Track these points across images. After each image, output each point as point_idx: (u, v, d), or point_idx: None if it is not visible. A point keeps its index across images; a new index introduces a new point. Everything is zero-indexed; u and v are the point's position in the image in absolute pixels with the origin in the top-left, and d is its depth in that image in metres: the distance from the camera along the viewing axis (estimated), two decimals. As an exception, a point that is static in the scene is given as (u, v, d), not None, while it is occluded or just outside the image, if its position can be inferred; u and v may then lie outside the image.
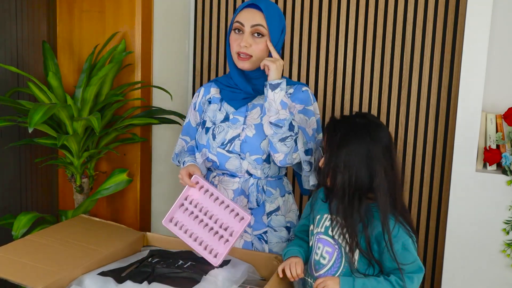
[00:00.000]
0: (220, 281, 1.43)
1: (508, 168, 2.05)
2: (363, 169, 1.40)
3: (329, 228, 1.47)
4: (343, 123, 1.48)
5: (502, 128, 2.09)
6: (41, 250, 1.53)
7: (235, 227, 1.51)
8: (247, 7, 1.65)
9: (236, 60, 1.66)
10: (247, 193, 1.67)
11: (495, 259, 2.10)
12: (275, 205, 1.69)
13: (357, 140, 1.41)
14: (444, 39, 2.26)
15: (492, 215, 2.09)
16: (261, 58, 1.64)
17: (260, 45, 1.63)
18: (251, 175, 1.67)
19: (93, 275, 1.43)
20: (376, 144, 1.41)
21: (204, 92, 1.79)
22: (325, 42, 2.43)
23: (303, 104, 1.70)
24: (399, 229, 1.40)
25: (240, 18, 1.64)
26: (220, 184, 1.70)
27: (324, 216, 1.51)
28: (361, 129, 1.43)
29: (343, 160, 1.40)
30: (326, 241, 1.48)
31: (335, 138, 1.44)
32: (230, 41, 1.67)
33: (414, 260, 1.39)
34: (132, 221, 2.34)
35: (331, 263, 1.46)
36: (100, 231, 1.72)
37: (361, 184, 1.40)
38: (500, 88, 2.16)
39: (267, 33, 1.63)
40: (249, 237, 1.67)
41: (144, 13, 2.25)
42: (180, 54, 2.62)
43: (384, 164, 1.41)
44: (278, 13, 1.68)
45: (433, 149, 2.33)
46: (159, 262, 1.52)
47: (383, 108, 2.37)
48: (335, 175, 1.42)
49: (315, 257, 1.50)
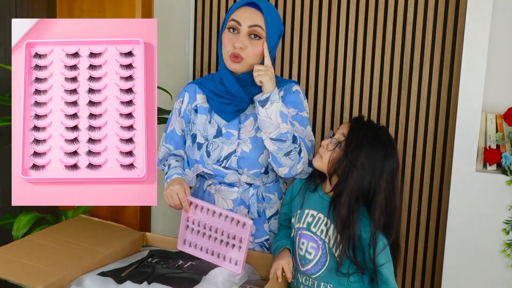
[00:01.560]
0: (220, 281, 1.43)
1: (508, 168, 2.05)
2: (370, 178, 1.42)
3: (311, 225, 1.50)
4: (370, 126, 1.50)
5: (502, 128, 2.09)
6: (41, 250, 1.53)
7: (242, 234, 1.50)
8: (246, 5, 1.52)
9: (227, 61, 1.53)
10: (248, 203, 1.62)
11: (495, 259, 2.10)
12: (274, 209, 1.67)
13: (374, 149, 1.43)
14: (444, 39, 2.26)
15: (492, 215, 2.09)
16: (255, 62, 1.53)
17: (256, 47, 1.51)
18: (251, 184, 1.62)
19: (93, 275, 1.43)
20: (387, 163, 1.44)
21: (189, 99, 1.65)
22: (325, 42, 2.43)
23: (296, 109, 1.59)
24: (385, 246, 1.44)
25: (237, 16, 1.51)
26: (217, 194, 1.63)
27: (306, 211, 1.52)
28: (381, 141, 1.45)
29: (362, 159, 1.42)
30: (310, 237, 1.50)
31: (359, 135, 1.45)
32: (223, 40, 1.54)
33: (387, 261, 1.43)
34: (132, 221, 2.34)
35: (317, 258, 1.49)
36: (100, 231, 1.72)
37: (365, 191, 1.43)
38: (500, 88, 2.16)
39: (264, 35, 1.51)
40: (251, 245, 1.65)
41: (144, 13, 2.25)
42: (180, 54, 2.62)
43: (388, 185, 1.44)
44: (277, 16, 1.56)
45: (433, 149, 2.33)
46: (159, 262, 1.52)
47: (383, 108, 2.37)
48: (349, 171, 1.43)
49: (299, 252, 1.52)
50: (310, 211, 1.52)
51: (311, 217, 1.51)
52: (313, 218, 1.50)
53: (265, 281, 1.51)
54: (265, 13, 1.51)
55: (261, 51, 1.53)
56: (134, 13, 2.22)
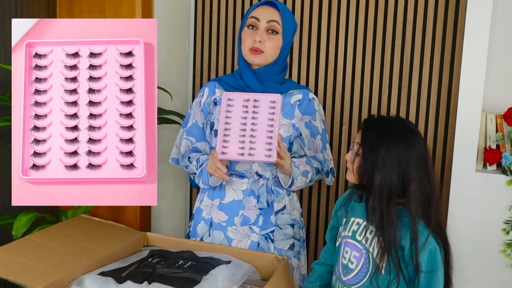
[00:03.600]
0: (220, 281, 1.43)
1: (508, 168, 2.05)
2: (396, 172, 1.36)
3: (356, 233, 1.45)
4: (381, 122, 1.43)
5: (502, 128, 2.09)
6: (41, 250, 1.53)
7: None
8: (263, 4, 1.69)
9: (247, 55, 1.67)
10: (257, 193, 1.68)
11: (495, 259, 2.10)
12: (282, 204, 1.71)
13: (393, 142, 1.37)
14: (444, 39, 2.26)
15: (492, 215, 2.09)
16: (273, 55, 1.67)
17: (274, 41, 1.66)
18: (260, 176, 1.69)
19: (93, 275, 1.43)
20: (411, 151, 1.37)
21: (208, 93, 1.77)
22: (325, 42, 2.43)
23: (310, 116, 1.74)
24: (428, 236, 1.35)
25: (256, 13, 1.67)
26: (229, 185, 1.70)
27: (351, 219, 1.48)
28: (397, 132, 1.39)
29: (381, 157, 1.36)
30: (354, 246, 1.45)
31: (372, 135, 1.39)
32: (243, 36, 1.69)
33: (437, 269, 1.34)
34: (132, 221, 2.34)
35: (358, 267, 1.43)
36: (100, 231, 1.72)
37: (395, 188, 1.36)
38: (500, 88, 2.16)
39: (281, 31, 1.66)
40: (256, 237, 1.67)
41: (144, 13, 2.25)
42: (180, 54, 2.62)
43: (419, 172, 1.36)
44: (292, 15, 1.72)
45: (433, 149, 2.33)
46: (159, 262, 1.52)
47: (383, 108, 2.37)
48: (373, 173, 1.37)
49: (343, 261, 1.47)
50: (356, 219, 1.47)
51: (356, 225, 1.46)
52: (359, 227, 1.45)
53: (265, 281, 1.51)
54: (281, 11, 1.67)
55: (279, 45, 1.67)
56: (134, 13, 2.22)
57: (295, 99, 1.73)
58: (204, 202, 1.76)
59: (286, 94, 1.73)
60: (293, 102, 1.73)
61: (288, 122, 1.70)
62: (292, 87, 1.75)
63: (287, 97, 1.73)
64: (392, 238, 1.34)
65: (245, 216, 1.68)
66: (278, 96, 1.61)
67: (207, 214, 1.74)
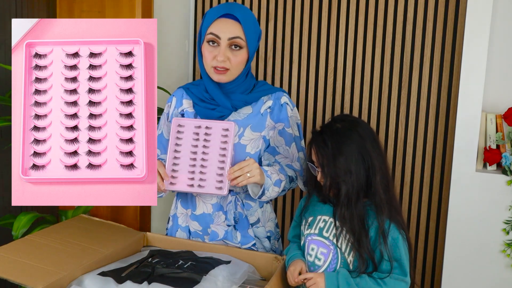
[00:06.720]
0: (220, 281, 1.43)
1: (508, 168, 2.05)
2: (362, 170, 1.40)
3: (323, 230, 1.48)
4: (327, 132, 1.45)
5: (502, 128, 2.09)
6: (41, 250, 1.53)
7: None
8: (222, 17, 1.55)
9: (211, 73, 1.58)
10: (225, 210, 1.64)
11: (495, 259, 2.10)
12: (255, 217, 1.68)
13: (347, 144, 1.40)
14: (444, 39, 2.26)
15: (492, 215, 2.09)
16: (239, 70, 1.58)
17: (239, 57, 1.56)
18: (230, 191, 1.63)
19: (93, 275, 1.43)
20: (365, 140, 1.40)
21: (176, 103, 1.72)
22: (325, 42, 2.43)
23: (283, 123, 1.65)
24: (390, 224, 1.41)
25: (215, 29, 1.54)
26: (199, 197, 1.67)
27: (318, 217, 1.51)
28: (346, 132, 1.42)
29: (343, 168, 1.39)
30: (321, 242, 1.48)
31: (326, 150, 1.41)
32: (204, 52, 1.58)
33: (400, 257, 1.39)
34: (132, 221, 2.34)
35: (326, 263, 1.46)
36: (100, 231, 1.72)
37: (362, 185, 1.41)
38: (500, 88, 2.16)
39: (245, 44, 1.55)
40: None
41: (144, 13, 2.25)
42: (180, 54, 2.62)
43: (377, 158, 1.41)
44: (254, 20, 1.58)
45: (433, 149, 2.33)
46: (159, 262, 1.52)
47: (383, 108, 2.37)
48: (338, 186, 1.41)
49: (308, 259, 1.51)
50: (322, 216, 1.50)
51: (323, 222, 1.49)
52: (325, 223, 1.48)
53: (265, 281, 1.51)
54: (243, 23, 1.53)
55: (244, 59, 1.58)
56: (134, 13, 2.22)
57: (266, 107, 1.65)
58: (179, 210, 1.73)
59: (256, 103, 1.65)
60: (263, 111, 1.65)
61: (257, 135, 1.63)
62: (262, 94, 1.65)
63: (257, 106, 1.65)
64: (362, 234, 1.39)
65: (214, 232, 1.66)
66: (231, 124, 1.54)
67: (183, 222, 1.72)
